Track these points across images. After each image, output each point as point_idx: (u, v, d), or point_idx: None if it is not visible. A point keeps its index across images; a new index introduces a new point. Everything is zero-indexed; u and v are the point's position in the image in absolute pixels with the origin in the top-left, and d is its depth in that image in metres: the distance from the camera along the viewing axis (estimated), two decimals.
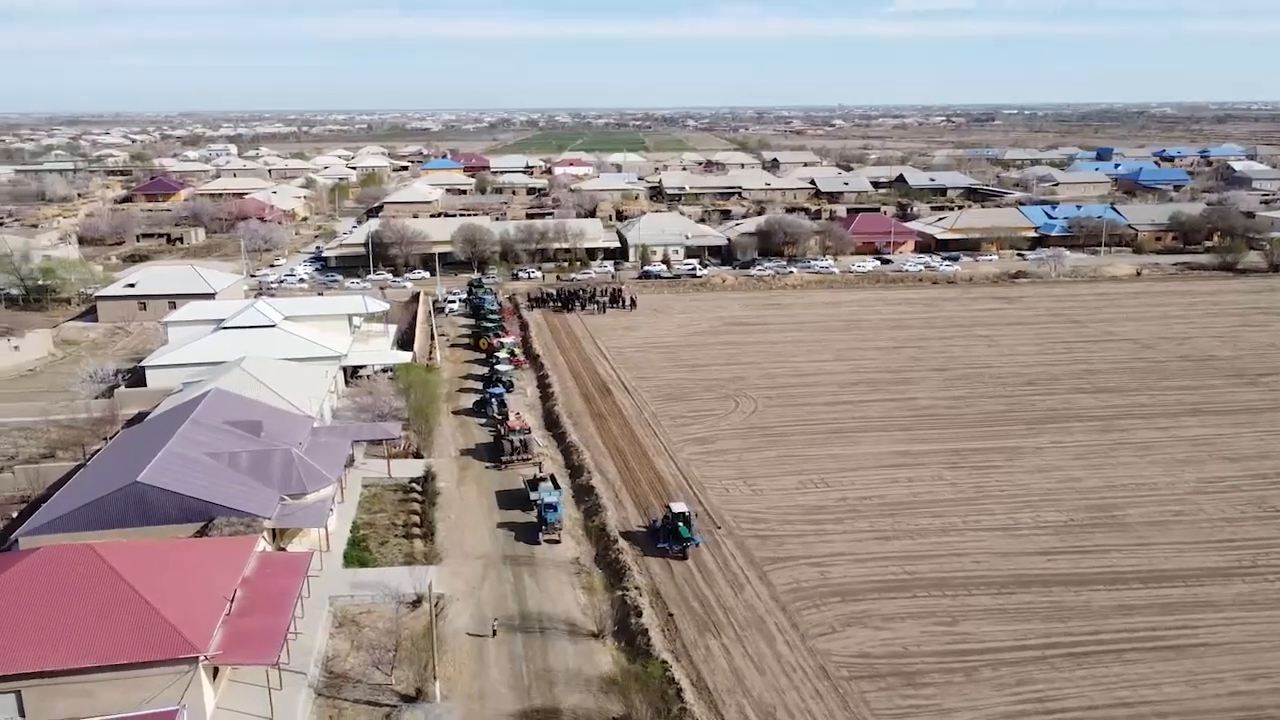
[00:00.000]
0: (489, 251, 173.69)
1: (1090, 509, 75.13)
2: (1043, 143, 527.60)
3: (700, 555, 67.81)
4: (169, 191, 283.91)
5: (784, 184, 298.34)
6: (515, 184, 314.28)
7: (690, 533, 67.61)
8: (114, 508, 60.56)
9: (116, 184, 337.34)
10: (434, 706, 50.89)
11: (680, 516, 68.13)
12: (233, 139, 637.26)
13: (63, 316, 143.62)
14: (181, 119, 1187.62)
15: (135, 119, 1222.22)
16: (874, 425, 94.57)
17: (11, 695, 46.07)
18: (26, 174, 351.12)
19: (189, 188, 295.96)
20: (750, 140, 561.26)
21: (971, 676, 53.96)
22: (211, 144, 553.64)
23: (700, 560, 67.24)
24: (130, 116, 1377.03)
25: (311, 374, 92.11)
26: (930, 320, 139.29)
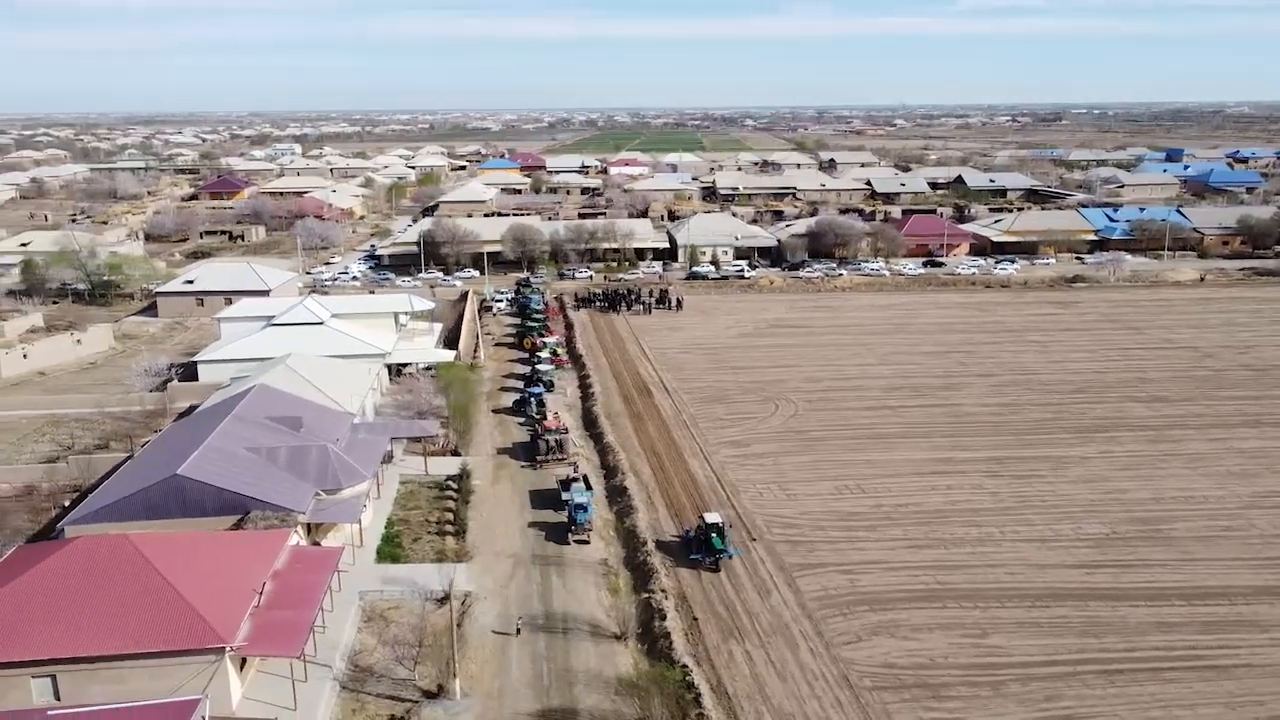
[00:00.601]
0: (538, 251, 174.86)
1: (1134, 521, 73.07)
2: (1111, 143, 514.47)
3: (730, 561, 67.41)
4: (233, 190, 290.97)
5: (839, 185, 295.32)
6: (570, 184, 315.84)
7: (724, 544, 66.07)
8: (155, 499, 62.32)
9: (185, 182, 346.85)
10: (453, 703, 51.42)
11: (714, 528, 66.44)
12: (298, 139, 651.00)
13: (125, 311, 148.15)
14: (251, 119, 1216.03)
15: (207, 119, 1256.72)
16: (915, 431, 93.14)
17: (47, 679, 47.69)
18: (100, 172, 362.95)
19: (252, 186, 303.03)
20: (808, 140, 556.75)
21: (999, 691, 52.85)
22: (277, 143, 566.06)
23: (729, 565, 66.82)
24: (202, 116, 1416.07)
25: (355, 371, 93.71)
26: (981, 325, 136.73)
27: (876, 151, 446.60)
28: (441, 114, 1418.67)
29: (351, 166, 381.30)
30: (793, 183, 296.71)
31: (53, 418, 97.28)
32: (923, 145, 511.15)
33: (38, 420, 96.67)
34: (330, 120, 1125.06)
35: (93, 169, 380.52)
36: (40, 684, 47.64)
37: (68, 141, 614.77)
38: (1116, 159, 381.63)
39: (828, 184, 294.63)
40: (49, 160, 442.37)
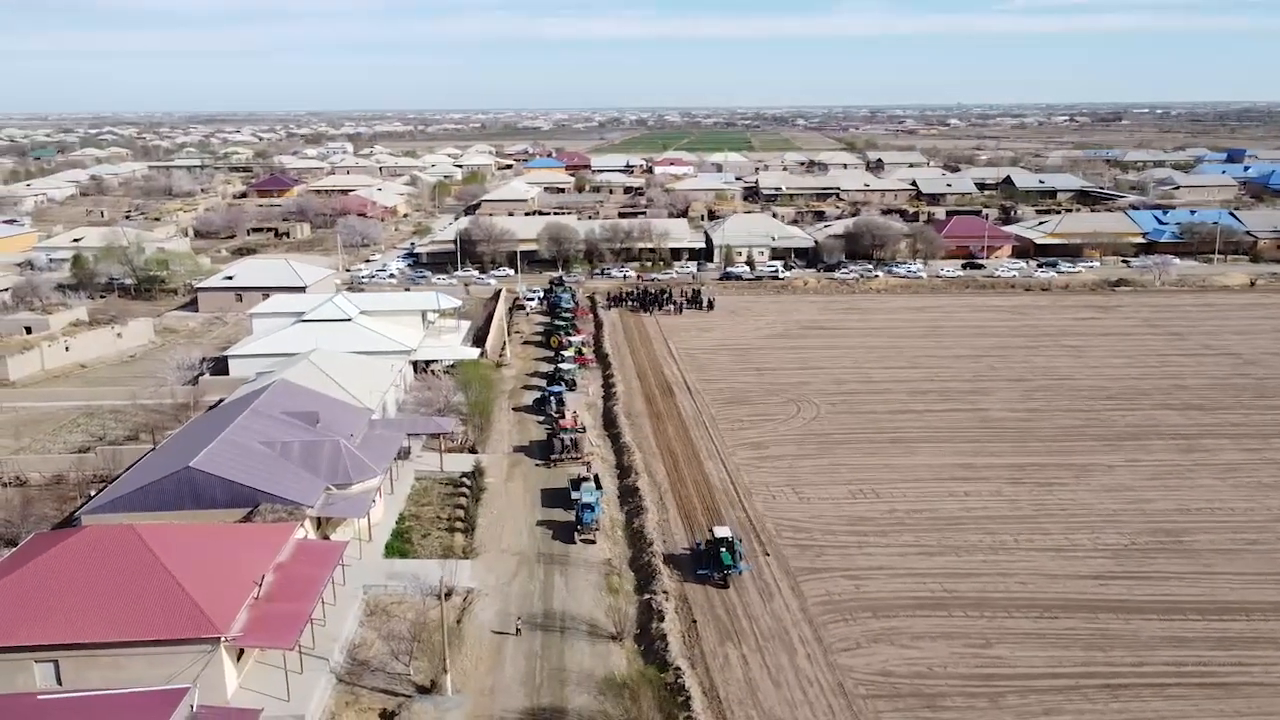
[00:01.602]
0: (573, 250, 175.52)
1: (1155, 532, 71.15)
2: (1171, 143, 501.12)
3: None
4: (283, 188, 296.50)
5: (884, 185, 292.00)
6: (613, 183, 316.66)
7: (733, 560, 63.86)
8: (168, 491, 63.72)
9: (238, 180, 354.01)
10: (444, 699, 51.81)
11: (723, 542, 64.30)
12: (352, 137, 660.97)
13: (169, 306, 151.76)
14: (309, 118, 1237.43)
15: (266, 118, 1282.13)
16: (938, 436, 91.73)
17: (50, 664, 48.96)
18: (158, 170, 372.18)
19: (302, 184, 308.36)
20: (858, 140, 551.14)
21: (996, 703, 51.83)
22: (330, 142, 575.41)
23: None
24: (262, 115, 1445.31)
25: (377, 368, 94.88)
26: (1016, 328, 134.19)
27: (926, 151, 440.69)
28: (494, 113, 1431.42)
29: (400, 165, 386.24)
30: (837, 183, 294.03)
31: (88, 409, 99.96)
32: (975, 145, 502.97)
33: (74, 411, 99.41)
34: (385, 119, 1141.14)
35: (151, 167, 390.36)
36: (43, 669, 48.90)
37: (130, 140, 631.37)
38: (1175, 160, 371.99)
39: (872, 184, 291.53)
40: (111, 158, 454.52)
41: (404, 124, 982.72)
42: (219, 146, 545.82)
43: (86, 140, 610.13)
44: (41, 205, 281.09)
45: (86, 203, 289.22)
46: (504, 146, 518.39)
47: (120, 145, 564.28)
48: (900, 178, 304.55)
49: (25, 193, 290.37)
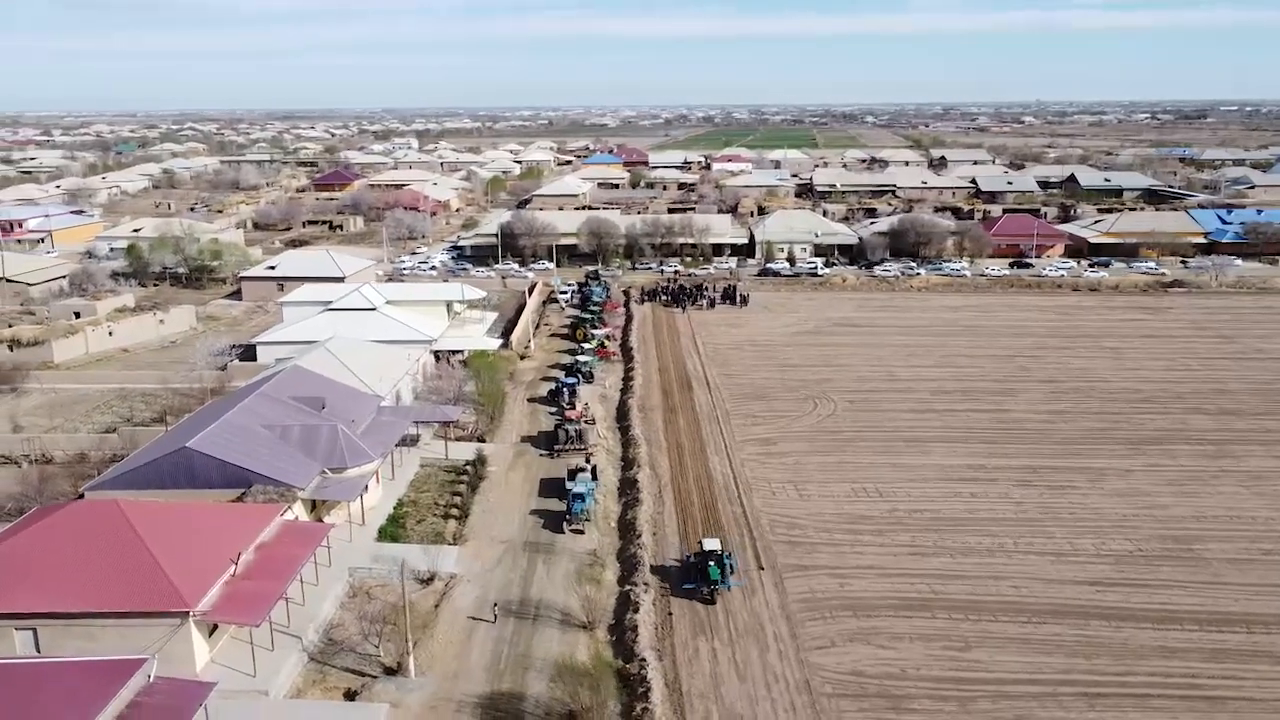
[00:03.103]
0: (614, 244, 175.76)
1: (1165, 540, 68.46)
2: (1255, 142, 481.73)
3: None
4: (344, 182, 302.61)
5: (942, 182, 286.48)
6: (667, 179, 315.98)
7: (720, 575, 60.59)
8: (166, 470, 65.53)
9: (303, 175, 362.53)
10: (407, 681, 52.32)
11: (711, 555, 61.50)
12: (420, 134, 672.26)
13: (216, 294, 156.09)
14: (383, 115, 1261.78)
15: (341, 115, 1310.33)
16: (954, 436, 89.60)
17: (29, 631, 50.71)
18: (228, 164, 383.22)
19: (363, 179, 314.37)
20: (924, 138, 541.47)
21: (965, 706, 50.41)
22: (397, 138, 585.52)
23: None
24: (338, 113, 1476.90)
25: (392, 356, 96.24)
26: (1057, 329, 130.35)
27: (994, 149, 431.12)
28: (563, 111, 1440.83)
29: (460, 161, 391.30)
30: (894, 180, 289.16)
31: (122, 392, 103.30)
32: (1047, 143, 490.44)
33: (108, 394, 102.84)
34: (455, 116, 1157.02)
35: (222, 161, 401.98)
36: (23, 636, 50.64)
37: (208, 136, 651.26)
38: (1255, 159, 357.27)
39: (930, 181, 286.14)
40: (187, 153, 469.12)
41: (473, 121, 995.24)
42: (290, 142, 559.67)
43: (167, 136, 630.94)
44: (115, 197, 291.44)
45: (156, 195, 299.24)
46: (566, 143, 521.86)
47: (198, 141, 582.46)
48: (960, 175, 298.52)
49: (100, 185, 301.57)
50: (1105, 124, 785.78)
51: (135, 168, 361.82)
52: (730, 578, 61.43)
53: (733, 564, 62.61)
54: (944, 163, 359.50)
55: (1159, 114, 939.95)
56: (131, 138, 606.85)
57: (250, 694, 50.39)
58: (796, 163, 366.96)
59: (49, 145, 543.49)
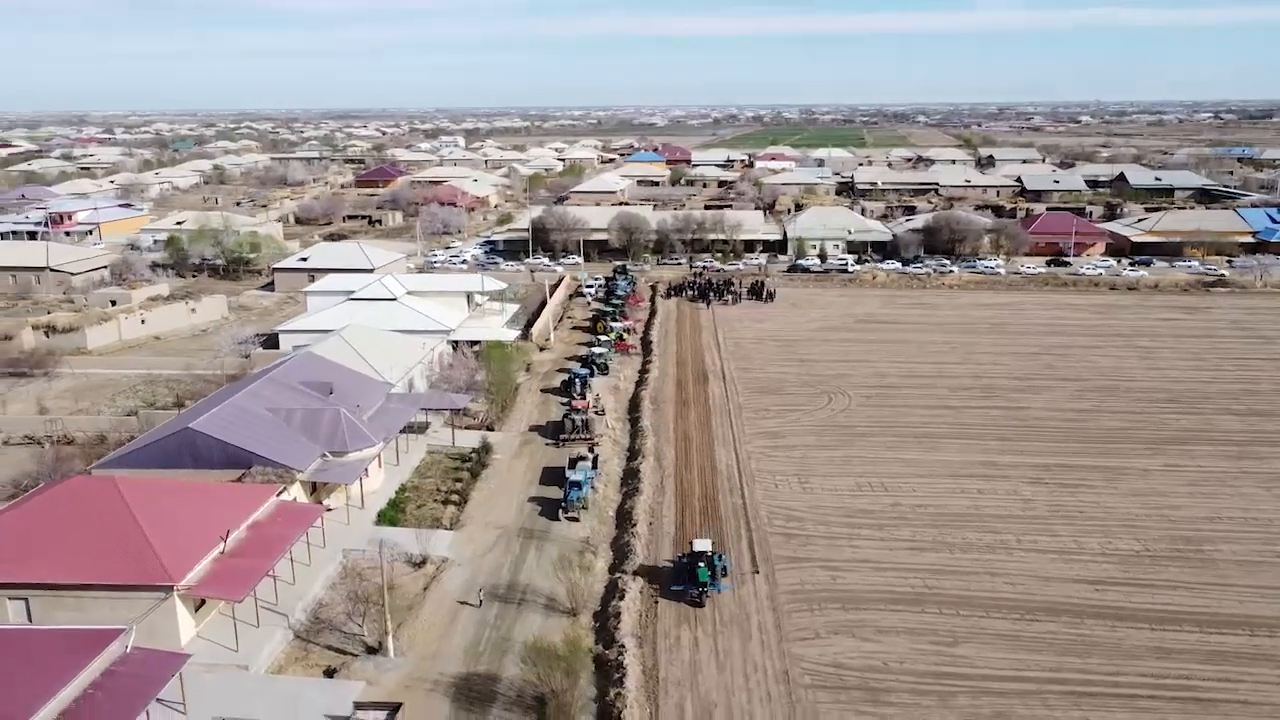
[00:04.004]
0: (644, 240, 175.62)
1: (1175, 540, 66.48)
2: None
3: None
4: (388, 179, 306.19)
5: (986, 181, 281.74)
6: (707, 176, 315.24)
7: (709, 576, 58.53)
8: (170, 450, 66.86)
9: (349, 171, 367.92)
10: (386, 660, 52.73)
11: (700, 556, 59.48)
12: (470, 132, 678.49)
13: (252, 285, 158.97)
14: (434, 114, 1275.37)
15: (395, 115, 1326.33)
16: (968, 433, 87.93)
17: (22, 601, 52.03)
18: (277, 161, 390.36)
19: (406, 176, 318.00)
20: (974, 137, 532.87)
21: (945, 701, 49.39)
22: (445, 136, 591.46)
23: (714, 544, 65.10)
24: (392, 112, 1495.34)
25: (406, 345, 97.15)
26: (1089, 328, 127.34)
27: (1045, 148, 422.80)
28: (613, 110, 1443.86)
29: (504, 158, 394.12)
30: (937, 178, 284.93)
31: (148, 377, 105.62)
32: (1101, 142, 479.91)
33: (136, 379, 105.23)
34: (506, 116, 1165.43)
35: (272, 158, 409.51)
36: (16, 605, 51.97)
37: (263, 134, 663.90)
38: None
39: (974, 180, 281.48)
40: (240, 150, 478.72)
41: (523, 120, 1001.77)
42: (341, 141, 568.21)
43: (222, 134, 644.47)
44: (166, 192, 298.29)
45: (206, 190, 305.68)
46: (611, 141, 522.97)
47: (252, 139, 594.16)
48: (1005, 174, 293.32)
49: (153, 180, 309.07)
50: (1165, 123, 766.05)
51: (188, 164, 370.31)
52: (721, 580, 59.36)
53: (725, 566, 60.60)
54: (991, 161, 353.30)
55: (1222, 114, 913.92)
56: (189, 136, 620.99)
57: (230, 668, 51.14)
58: (840, 161, 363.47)
59: (110, 143, 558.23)
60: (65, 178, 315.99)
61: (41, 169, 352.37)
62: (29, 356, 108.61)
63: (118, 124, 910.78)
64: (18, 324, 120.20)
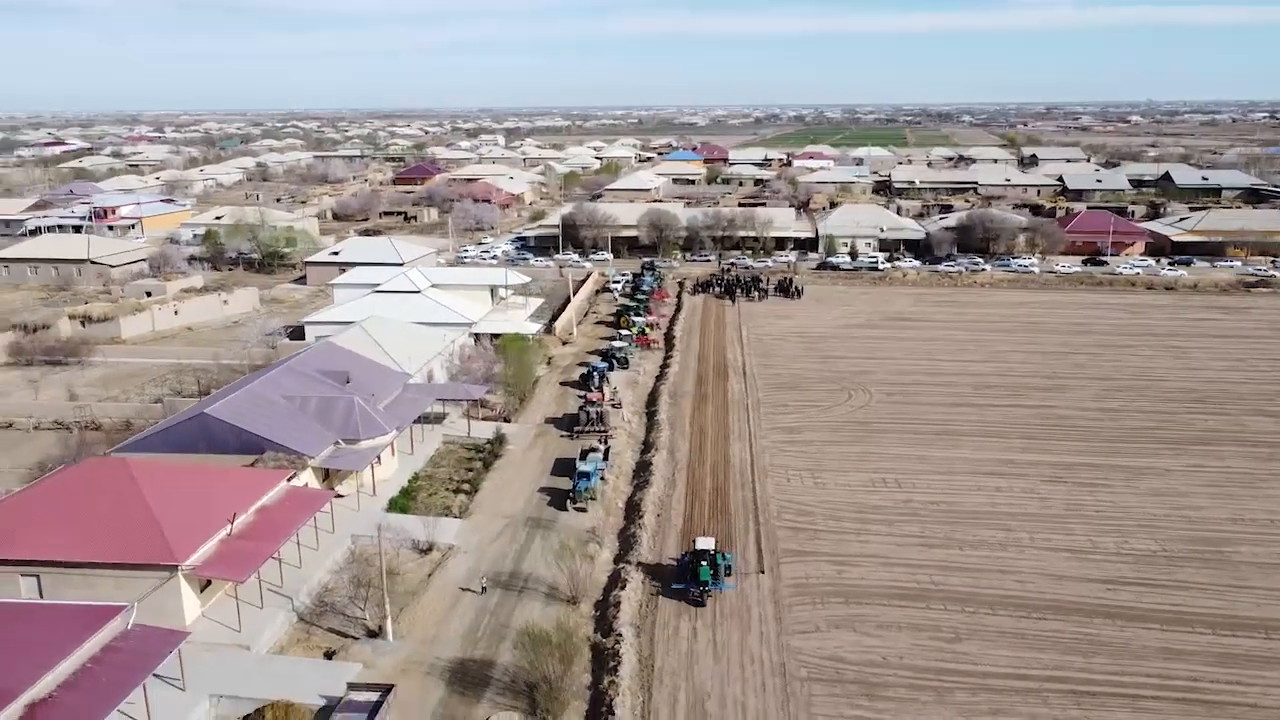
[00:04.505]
0: (673, 237, 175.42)
1: (1193, 541, 64.94)
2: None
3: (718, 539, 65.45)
4: (426, 176, 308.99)
5: (1027, 180, 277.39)
6: (744, 175, 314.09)
7: (714, 575, 57.69)
8: (186, 435, 68.01)
9: (389, 169, 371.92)
10: (384, 644, 53.21)
11: (702, 555, 58.27)
12: (511, 131, 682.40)
13: (286, 279, 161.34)
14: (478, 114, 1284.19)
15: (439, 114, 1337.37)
16: (988, 430, 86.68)
17: (34, 578, 53.24)
18: (319, 159, 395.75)
19: (444, 174, 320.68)
20: (1018, 136, 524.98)
21: (941, 698, 48.69)
22: (485, 135, 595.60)
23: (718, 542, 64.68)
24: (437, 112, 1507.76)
25: (426, 336, 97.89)
26: (1122, 327, 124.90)
27: (1091, 148, 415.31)
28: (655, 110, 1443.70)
29: (542, 156, 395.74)
30: (976, 177, 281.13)
31: (178, 366, 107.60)
32: (1150, 142, 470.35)
33: (165, 368, 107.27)
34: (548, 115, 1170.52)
35: (315, 156, 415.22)
36: (28, 582, 53.16)
37: (308, 133, 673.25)
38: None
39: (1014, 179, 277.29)
40: (284, 148, 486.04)
41: (565, 119, 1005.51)
42: (383, 139, 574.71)
43: (268, 133, 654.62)
44: (210, 189, 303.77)
45: (248, 187, 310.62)
46: (650, 140, 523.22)
47: (296, 137, 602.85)
48: (1047, 173, 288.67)
49: (197, 177, 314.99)
50: (1218, 123, 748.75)
51: (232, 161, 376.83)
52: (725, 579, 58.27)
53: (729, 565, 59.40)
54: (1034, 160, 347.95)
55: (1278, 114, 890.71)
56: (236, 134, 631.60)
57: (232, 648, 51.89)
58: (880, 160, 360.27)
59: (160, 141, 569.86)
60: (113, 174, 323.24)
61: (91, 166, 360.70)
62: (64, 345, 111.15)
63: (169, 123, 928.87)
64: (55, 314, 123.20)
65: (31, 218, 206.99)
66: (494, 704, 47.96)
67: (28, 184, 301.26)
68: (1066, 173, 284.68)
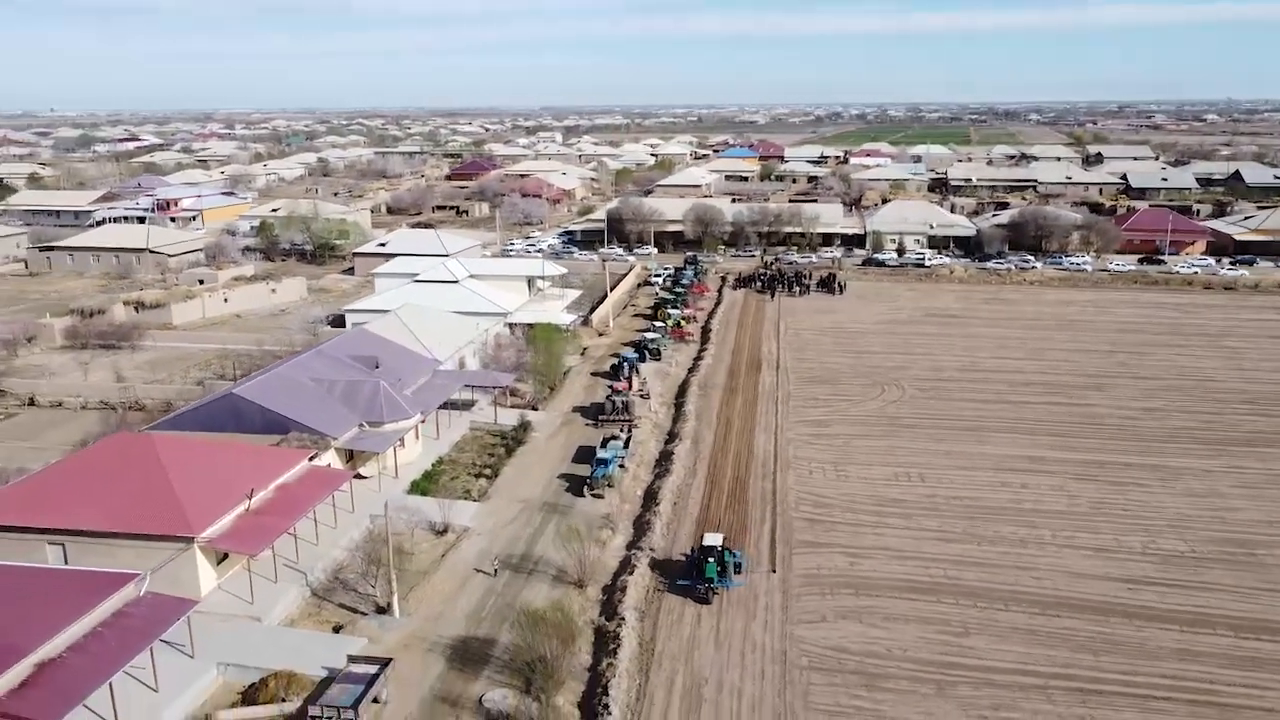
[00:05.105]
0: (719, 232, 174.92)
1: (1225, 542, 62.88)
2: None
3: (733, 527, 65.29)
4: (480, 172, 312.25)
5: (1089, 178, 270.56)
6: (797, 172, 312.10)
7: (721, 572, 56.45)
8: (215, 414, 69.87)
9: (446, 165, 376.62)
10: (391, 620, 54.06)
11: (709, 551, 56.87)
12: (571, 129, 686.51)
13: (335, 269, 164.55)
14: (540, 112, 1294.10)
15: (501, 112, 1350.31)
16: (1021, 428, 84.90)
17: (59, 546, 55.19)
18: (379, 155, 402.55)
19: (499, 170, 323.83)
20: (1085, 134, 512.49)
21: (942, 691, 47.89)
22: (543, 132, 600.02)
23: (733, 531, 64.59)
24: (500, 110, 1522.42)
25: (459, 325, 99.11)
26: (1174, 326, 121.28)
27: (1161, 146, 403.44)
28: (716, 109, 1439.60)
29: (598, 153, 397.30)
30: (1035, 175, 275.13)
31: (224, 351, 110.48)
32: (1224, 140, 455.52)
33: (211, 353, 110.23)
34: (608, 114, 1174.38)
35: (375, 152, 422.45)
36: (54, 550, 55.10)
37: (371, 130, 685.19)
38: None
39: (1075, 177, 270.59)
40: (347, 145, 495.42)
41: (625, 117, 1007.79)
42: (444, 136, 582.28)
43: (333, 130, 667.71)
44: (272, 183, 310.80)
45: (309, 181, 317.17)
46: (707, 138, 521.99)
47: (360, 134, 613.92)
48: (1110, 171, 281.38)
49: (260, 172, 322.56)
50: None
51: (295, 156, 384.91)
52: (736, 577, 57.12)
53: (739, 562, 58.32)
54: (1099, 159, 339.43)
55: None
56: (301, 131, 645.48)
57: (243, 619, 53.21)
58: (938, 158, 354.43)
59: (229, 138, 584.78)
60: (180, 169, 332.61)
61: (161, 161, 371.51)
62: (117, 330, 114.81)
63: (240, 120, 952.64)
64: (111, 299, 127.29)
65: (99, 209, 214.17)
66: (491, 681, 48.43)
67: (100, 178, 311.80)
68: (1131, 171, 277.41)
